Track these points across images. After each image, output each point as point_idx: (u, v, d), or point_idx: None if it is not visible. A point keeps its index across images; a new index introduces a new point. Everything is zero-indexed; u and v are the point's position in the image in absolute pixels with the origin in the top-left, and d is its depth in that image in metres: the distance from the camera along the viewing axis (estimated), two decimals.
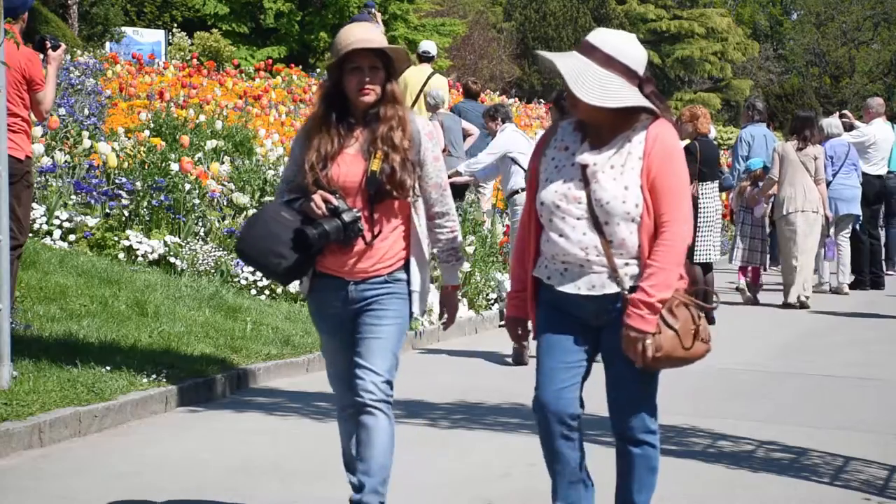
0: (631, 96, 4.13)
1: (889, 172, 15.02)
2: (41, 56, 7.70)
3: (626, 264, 4.16)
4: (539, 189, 4.27)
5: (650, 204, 4.12)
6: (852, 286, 14.39)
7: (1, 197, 6.64)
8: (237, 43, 29.61)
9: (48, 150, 11.62)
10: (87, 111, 14.50)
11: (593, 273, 4.18)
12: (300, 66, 27.09)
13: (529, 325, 4.47)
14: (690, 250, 11.44)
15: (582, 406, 4.32)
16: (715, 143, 13.06)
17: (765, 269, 14.11)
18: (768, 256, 13.89)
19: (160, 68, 22.35)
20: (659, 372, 4.29)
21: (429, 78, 14.61)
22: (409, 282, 4.64)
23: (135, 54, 22.99)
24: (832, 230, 13.83)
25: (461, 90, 19.17)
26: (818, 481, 5.89)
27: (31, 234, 9.21)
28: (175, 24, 30.16)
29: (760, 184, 13.35)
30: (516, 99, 32.09)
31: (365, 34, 4.53)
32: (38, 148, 10.53)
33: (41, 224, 10.22)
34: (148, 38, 27.48)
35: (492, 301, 11.45)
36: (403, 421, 7.05)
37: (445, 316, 4.83)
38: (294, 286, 7.68)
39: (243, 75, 23.99)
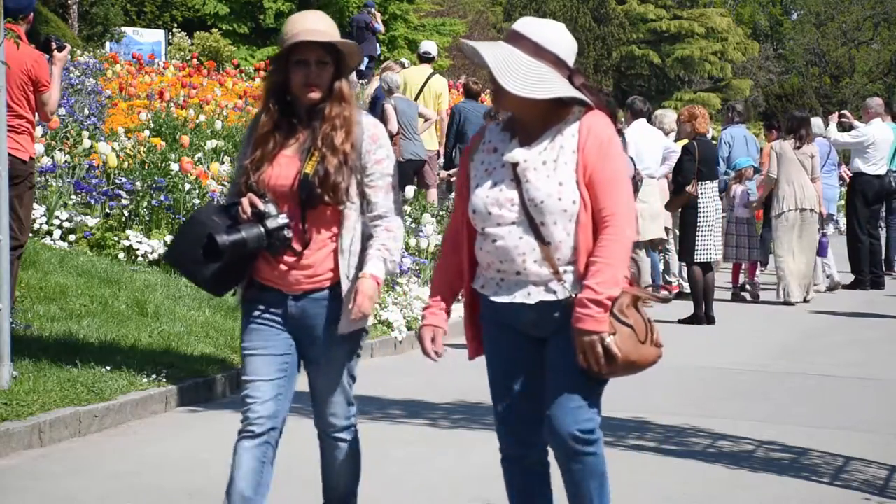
0: (561, 87, 3.84)
1: (890, 171, 15.05)
2: (46, 57, 7.72)
3: (565, 271, 3.84)
4: (470, 196, 3.94)
5: (587, 200, 3.80)
6: (852, 286, 14.42)
7: (1, 197, 6.64)
8: (237, 43, 29.61)
9: (48, 150, 11.63)
10: (87, 111, 14.51)
11: (531, 281, 3.86)
12: None
13: (440, 334, 4.03)
14: (691, 250, 11.51)
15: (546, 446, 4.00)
16: (714, 142, 13.11)
17: (763, 266, 14.24)
18: (760, 252, 14.00)
19: (160, 68, 22.36)
20: (606, 382, 3.93)
21: (429, 78, 14.62)
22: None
23: (135, 54, 22.99)
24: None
25: (462, 90, 19.15)
26: (818, 481, 5.89)
27: (31, 234, 9.21)
28: (175, 24, 30.16)
29: (751, 181, 13.53)
30: None
31: (313, 24, 4.19)
32: (38, 148, 10.53)
33: (41, 224, 10.22)
34: (148, 38, 27.47)
35: None
36: (403, 421, 7.07)
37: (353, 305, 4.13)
38: None
39: (243, 75, 23.99)
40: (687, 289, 12.35)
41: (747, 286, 13.58)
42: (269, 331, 4.24)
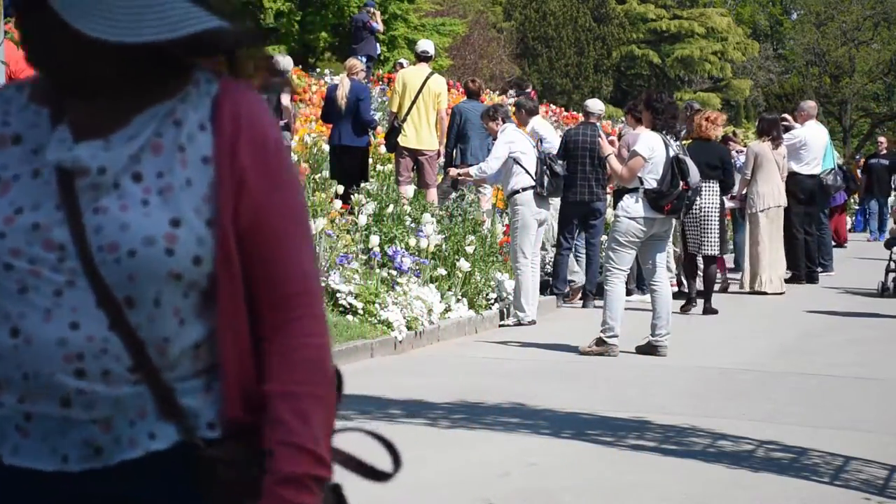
0: (198, 13, 1.76)
1: (833, 170, 15.72)
2: None
3: (182, 394, 1.83)
4: None
5: (234, 258, 1.83)
6: (789, 281, 14.76)
7: None
8: None
9: None
10: None
11: (97, 418, 1.79)
12: (300, 66, 27.10)
13: None
14: (685, 244, 11.67)
15: None
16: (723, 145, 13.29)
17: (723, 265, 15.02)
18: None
19: None
20: None
21: (427, 78, 14.61)
22: None
23: None
24: None
25: (461, 90, 19.15)
26: (818, 481, 5.88)
27: None
28: None
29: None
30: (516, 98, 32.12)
31: None
32: None
33: None
34: None
35: (492, 301, 11.45)
36: (403, 421, 7.06)
37: None
38: None
39: None
40: (686, 288, 12.64)
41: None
42: None
